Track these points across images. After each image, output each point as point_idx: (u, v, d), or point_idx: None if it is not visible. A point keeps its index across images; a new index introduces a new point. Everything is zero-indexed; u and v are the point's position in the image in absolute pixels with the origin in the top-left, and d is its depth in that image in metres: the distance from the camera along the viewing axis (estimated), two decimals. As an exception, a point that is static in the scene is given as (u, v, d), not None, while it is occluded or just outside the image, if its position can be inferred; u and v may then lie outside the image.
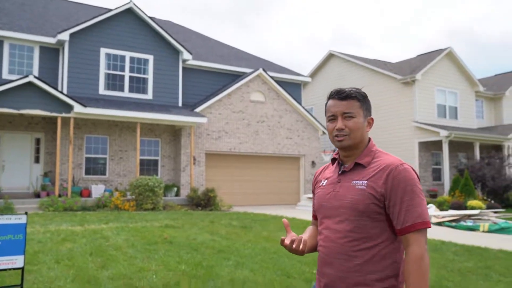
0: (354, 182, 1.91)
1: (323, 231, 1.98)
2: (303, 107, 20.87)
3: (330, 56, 26.50)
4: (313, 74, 27.22)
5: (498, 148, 23.60)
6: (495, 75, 29.54)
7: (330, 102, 2.00)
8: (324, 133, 21.30)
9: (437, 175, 22.36)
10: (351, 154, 1.99)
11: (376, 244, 1.85)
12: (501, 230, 12.03)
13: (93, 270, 5.76)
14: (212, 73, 20.17)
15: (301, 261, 6.80)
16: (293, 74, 22.31)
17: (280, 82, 20.87)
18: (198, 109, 17.96)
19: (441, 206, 17.12)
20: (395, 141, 22.37)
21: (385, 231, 1.86)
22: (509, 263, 7.42)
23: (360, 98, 1.97)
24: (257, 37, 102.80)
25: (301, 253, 1.96)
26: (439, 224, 13.56)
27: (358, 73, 24.54)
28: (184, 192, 17.34)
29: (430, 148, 22.02)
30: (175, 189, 17.16)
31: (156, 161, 17.98)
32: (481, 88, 24.13)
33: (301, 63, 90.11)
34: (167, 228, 9.95)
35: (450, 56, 23.28)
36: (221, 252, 7.35)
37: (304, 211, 16.75)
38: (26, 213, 4.45)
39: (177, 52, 18.55)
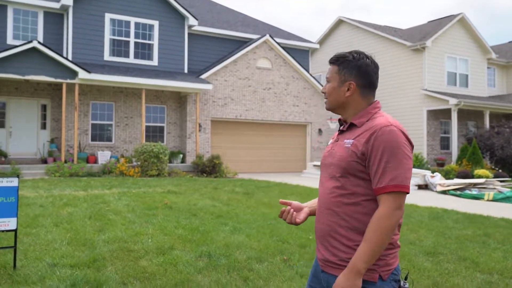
0: (345, 140, 1.97)
1: (320, 186, 2.07)
2: (311, 75, 20.61)
3: (340, 22, 25.93)
4: (321, 41, 26.73)
5: (509, 117, 23.23)
6: (509, 42, 28.78)
7: None
8: (331, 100, 21.05)
9: (445, 143, 22.15)
10: (344, 116, 2.06)
11: (360, 200, 1.87)
12: (506, 199, 11.94)
13: (90, 234, 5.83)
14: (218, 39, 19.90)
15: (298, 227, 6.82)
16: (301, 40, 21.94)
17: (287, 48, 20.55)
18: (203, 76, 17.82)
19: (448, 175, 17.02)
20: (403, 109, 22.10)
21: (369, 189, 1.88)
22: (509, 231, 7.37)
23: (339, 63, 2.00)
24: (266, 3, 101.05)
25: (294, 223, 2.15)
26: (444, 192, 13.51)
27: (368, 40, 24.04)
28: (190, 159, 17.41)
29: (439, 116, 21.74)
30: (181, 155, 17.23)
31: (161, 128, 18.00)
32: (493, 55, 23.55)
33: (310, 31, 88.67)
34: (169, 194, 10.03)
35: (462, 22, 22.65)
36: (219, 217, 7.40)
37: (309, 178, 16.76)
38: (18, 176, 4.47)
39: (182, 18, 18.28)
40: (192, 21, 18.25)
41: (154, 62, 17.75)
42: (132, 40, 17.37)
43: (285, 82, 19.84)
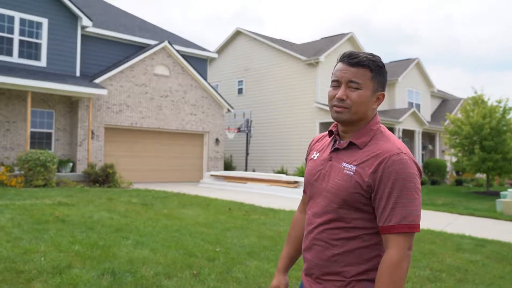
0: (344, 164, 1.68)
1: (308, 211, 1.80)
2: (209, 84, 20.56)
3: (238, 33, 26.33)
4: (220, 51, 26.89)
5: (391, 130, 25.25)
6: (390, 62, 31.42)
7: (338, 65, 1.74)
8: (229, 110, 21.21)
9: (335, 154, 23.38)
10: (349, 130, 1.72)
11: (359, 234, 1.65)
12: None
13: (-31, 254, 5.10)
14: (114, 43, 19.02)
15: (204, 240, 6.65)
16: (200, 49, 21.83)
17: (186, 56, 20.30)
18: (97, 80, 16.88)
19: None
20: (297, 121, 22.97)
21: (370, 222, 1.65)
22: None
23: (373, 68, 1.67)
24: (162, 11, 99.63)
25: None
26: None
27: (265, 52, 24.68)
28: (81, 168, 16.32)
29: (330, 128, 22.92)
30: (71, 164, 16.09)
31: (49, 134, 16.65)
32: (377, 74, 25.52)
33: (206, 42, 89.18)
34: (60, 205, 9.24)
35: (351, 41, 24.28)
36: (119, 231, 6.95)
37: (207, 188, 16.62)
38: None
39: (75, 18, 17.17)
40: (86, 21, 17.21)
41: (42, 63, 16.41)
42: (16, 37, 15.88)
43: (183, 90, 19.55)
